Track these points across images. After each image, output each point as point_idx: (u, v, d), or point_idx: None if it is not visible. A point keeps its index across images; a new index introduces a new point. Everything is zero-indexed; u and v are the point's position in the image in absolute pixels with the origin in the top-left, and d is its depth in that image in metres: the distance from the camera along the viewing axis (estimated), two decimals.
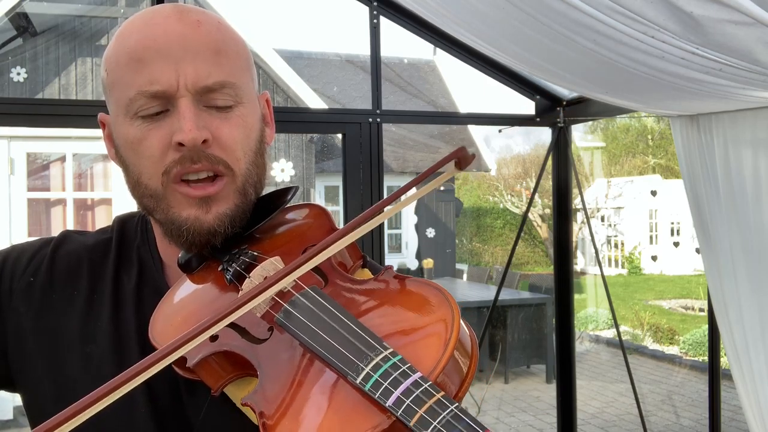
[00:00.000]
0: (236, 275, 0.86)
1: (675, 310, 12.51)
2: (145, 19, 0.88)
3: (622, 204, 17.34)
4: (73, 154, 6.61)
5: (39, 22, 6.95)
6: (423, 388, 0.62)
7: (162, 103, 0.85)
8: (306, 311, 0.75)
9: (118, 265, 0.99)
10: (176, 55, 0.84)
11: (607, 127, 21.95)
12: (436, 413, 0.60)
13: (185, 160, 0.84)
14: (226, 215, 0.88)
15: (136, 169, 0.88)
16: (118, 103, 0.87)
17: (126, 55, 0.86)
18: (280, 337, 0.76)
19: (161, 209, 0.88)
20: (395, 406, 0.61)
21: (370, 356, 0.66)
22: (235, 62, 0.89)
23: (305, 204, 0.99)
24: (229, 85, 0.87)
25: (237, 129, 0.88)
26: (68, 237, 1.02)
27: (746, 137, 2.65)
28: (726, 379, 3.23)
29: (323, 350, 0.70)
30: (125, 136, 0.88)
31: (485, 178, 19.58)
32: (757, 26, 1.57)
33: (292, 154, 8.57)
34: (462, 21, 2.49)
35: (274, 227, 0.96)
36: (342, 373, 0.67)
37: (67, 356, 0.92)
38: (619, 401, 7.43)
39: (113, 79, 0.88)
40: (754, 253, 2.66)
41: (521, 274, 10.96)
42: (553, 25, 1.91)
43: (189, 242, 0.88)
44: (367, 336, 0.69)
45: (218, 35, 0.88)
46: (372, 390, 0.63)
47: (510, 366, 8.10)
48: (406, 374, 0.63)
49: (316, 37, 23.82)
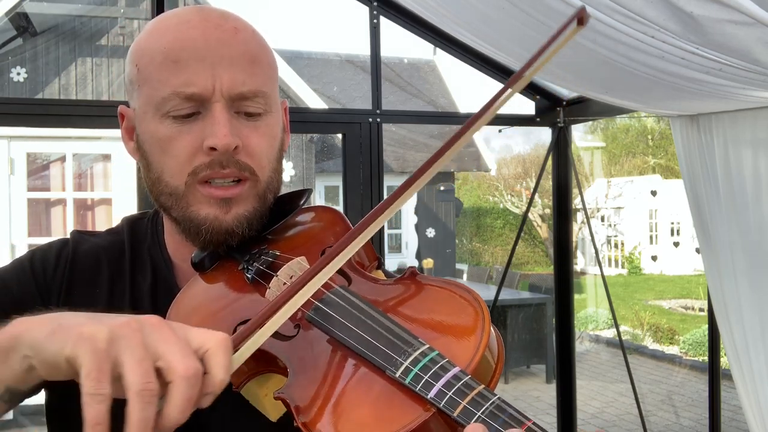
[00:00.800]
0: (260, 274, 0.87)
1: (675, 310, 12.50)
2: (182, 20, 0.89)
3: (622, 204, 17.33)
4: (73, 154, 6.61)
5: (39, 22, 6.95)
6: (464, 381, 0.63)
7: (195, 106, 0.86)
8: (339, 308, 0.76)
9: (133, 266, 1.00)
10: (213, 60, 0.86)
11: (607, 127, 21.95)
12: (479, 404, 0.61)
13: (215, 164, 0.86)
14: (244, 217, 0.90)
15: (160, 166, 0.90)
16: (149, 100, 0.88)
17: (161, 53, 0.87)
18: (308, 334, 0.77)
19: (180, 207, 0.90)
20: (437, 398, 0.62)
21: (407, 351, 0.67)
22: (267, 72, 0.92)
23: (320, 206, 1.01)
24: (261, 94, 0.89)
25: (264, 138, 0.91)
26: (83, 237, 1.03)
27: (746, 137, 2.65)
28: (726, 379, 3.23)
29: (359, 345, 0.71)
30: (153, 134, 0.89)
31: (485, 178, 19.59)
32: (757, 26, 1.57)
33: (292, 154, 8.57)
34: (462, 21, 2.49)
35: (289, 229, 0.97)
36: (379, 368, 0.68)
37: None
38: (619, 401, 7.43)
39: (145, 76, 0.88)
40: (754, 253, 2.66)
41: (521, 274, 10.96)
42: (553, 25, 1.91)
43: (206, 241, 0.90)
44: (402, 332, 0.70)
45: (254, 44, 0.91)
46: (412, 383, 0.64)
47: (510, 366, 8.10)
48: (446, 368, 0.64)
49: (316, 37, 23.84)
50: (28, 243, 6.38)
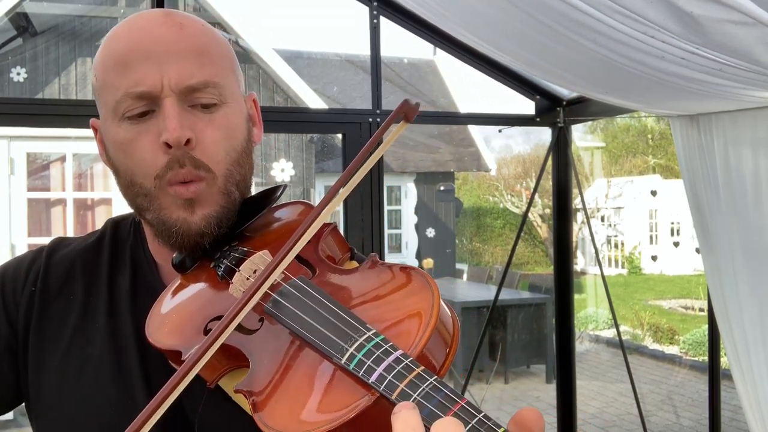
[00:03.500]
0: (227, 270, 0.88)
1: (675, 310, 12.50)
2: (131, 25, 0.91)
3: (622, 204, 17.33)
4: (73, 154, 6.61)
5: (39, 22, 6.95)
6: (404, 364, 0.64)
7: (147, 104, 0.87)
8: (293, 299, 0.78)
9: (112, 266, 1.00)
10: (160, 57, 0.86)
11: (607, 127, 21.94)
12: (415, 386, 0.62)
13: (173, 163, 0.87)
14: (211, 216, 0.90)
15: (129, 170, 0.90)
16: (107, 106, 0.90)
17: (113, 59, 0.88)
18: (270, 327, 0.78)
19: (153, 209, 0.90)
20: (378, 383, 0.64)
21: (354, 337, 0.69)
22: (219, 63, 0.91)
23: (294, 201, 1.02)
24: (212, 84, 0.89)
25: (220, 129, 0.90)
26: (59, 244, 1.04)
27: (746, 137, 2.65)
28: (726, 379, 3.23)
29: (309, 335, 0.73)
30: (114, 138, 0.90)
31: (485, 178, 19.58)
32: (757, 26, 1.57)
33: (292, 154, 8.57)
34: (462, 21, 2.49)
35: (263, 225, 0.98)
36: (327, 355, 0.70)
37: (67, 360, 0.94)
38: (619, 401, 7.43)
39: (102, 83, 0.90)
40: (754, 253, 2.66)
41: (521, 274, 10.95)
42: (553, 25, 1.91)
43: (179, 244, 0.90)
44: (351, 319, 0.72)
45: (201, 37, 0.91)
46: (356, 369, 0.66)
47: (510, 366, 8.10)
48: (388, 352, 0.66)
49: (316, 37, 23.82)
50: (28, 243, 6.38)
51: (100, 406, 0.91)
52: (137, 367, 0.92)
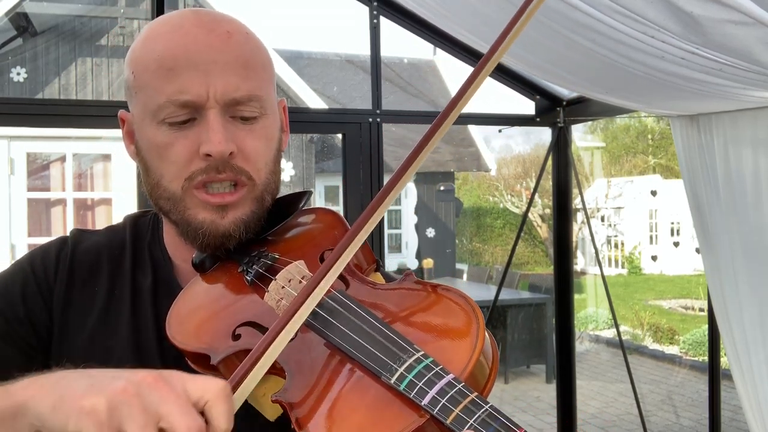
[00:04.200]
0: (258, 276, 0.87)
1: (675, 310, 12.50)
2: (174, 26, 0.89)
3: (622, 204, 17.33)
4: (73, 154, 6.61)
5: (39, 22, 6.94)
6: (457, 389, 0.63)
7: (190, 112, 0.87)
8: (336, 313, 0.77)
9: (134, 264, 1.00)
10: (206, 67, 0.86)
11: (607, 127, 21.93)
12: (471, 412, 0.61)
13: (211, 169, 0.87)
14: (241, 221, 0.90)
15: (158, 171, 0.91)
16: (146, 108, 0.89)
17: (155, 61, 0.87)
18: (306, 338, 0.77)
19: (178, 210, 0.90)
20: (431, 405, 0.63)
21: (402, 357, 0.68)
22: (262, 75, 0.92)
23: (319, 208, 1.02)
24: (255, 98, 0.89)
25: (260, 141, 0.91)
26: (83, 235, 1.04)
27: (746, 137, 2.65)
28: (726, 379, 3.23)
29: (355, 351, 0.71)
30: (151, 140, 0.90)
31: (485, 178, 19.57)
32: (757, 26, 1.57)
33: (292, 154, 8.57)
34: (462, 21, 2.49)
35: (289, 231, 0.98)
36: (375, 373, 0.68)
37: (90, 349, 0.94)
38: (619, 401, 7.42)
39: (141, 84, 0.89)
40: (754, 253, 2.66)
41: (521, 274, 10.95)
42: (553, 25, 1.91)
43: (204, 244, 0.91)
44: (398, 338, 0.71)
45: (247, 47, 0.90)
46: (407, 390, 0.65)
47: (510, 366, 8.10)
48: (440, 375, 0.65)
49: (316, 37, 23.80)
50: (28, 243, 6.38)
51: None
52: (158, 363, 0.91)
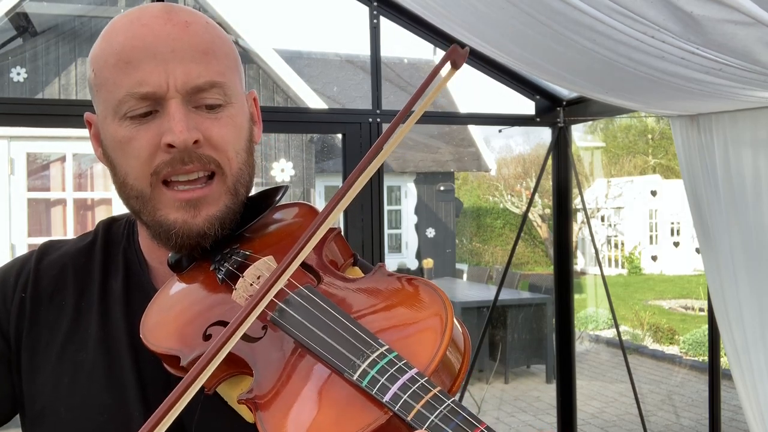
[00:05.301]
0: (229, 275, 0.86)
1: (675, 310, 12.50)
2: (131, 19, 0.87)
3: (622, 204, 17.33)
4: (73, 154, 6.62)
5: (39, 22, 6.95)
6: (420, 384, 0.62)
7: (151, 104, 0.84)
8: (301, 309, 0.76)
9: (104, 269, 0.98)
10: (165, 56, 0.84)
11: (607, 127, 21.94)
12: (433, 408, 0.60)
13: (176, 161, 0.84)
14: (216, 217, 0.88)
15: (123, 169, 0.88)
16: (107, 104, 0.87)
17: (114, 55, 0.85)
18: (275, 335, 0.76)
19: (148, 211, 0.88)
20: (392, 402, 0.62)
21: (366, 353, 0.67)
22: (224, 62, 0.89)
23: (295, 203, 0.99)
24: (218, 84, 0.87)
25: (228, 128, 0.88)
26: (50, 247, 1.02)
27: (746, 137, 2.65)
28: (726, 379, 3.23)
29: (318, 347, 0.70)
30: (113, 136, 0.87)
31: (485, 178, 19.58)
32: (757, 26, 1.57)
33: (292, 154, 8.57)
34: (462, 21, 2.49)
35: (264, 227, 0.96)
36: (338, 370, 0.67)
37: (60, 367, 0.92)
38: (619, 401, 7.42)
39: (101, 80, 0.87)
40: (754, 253, 2.66)
41: (521, 274, 10.96)
42: (553, 25, 1.91)
43: (178, 245, 0.88)
44: (362, 333, 0.70)
45: (206, 35, 0.88)
46: (369, 386, 0.64)
47: (510, 366, 8.10)
48: (403, 370, 0.64)
49: (316, 37, 23.80)
50: (28, 243, 6.38)
51: (94, 413, 0.89)
52: (130, 372, 0.90)
